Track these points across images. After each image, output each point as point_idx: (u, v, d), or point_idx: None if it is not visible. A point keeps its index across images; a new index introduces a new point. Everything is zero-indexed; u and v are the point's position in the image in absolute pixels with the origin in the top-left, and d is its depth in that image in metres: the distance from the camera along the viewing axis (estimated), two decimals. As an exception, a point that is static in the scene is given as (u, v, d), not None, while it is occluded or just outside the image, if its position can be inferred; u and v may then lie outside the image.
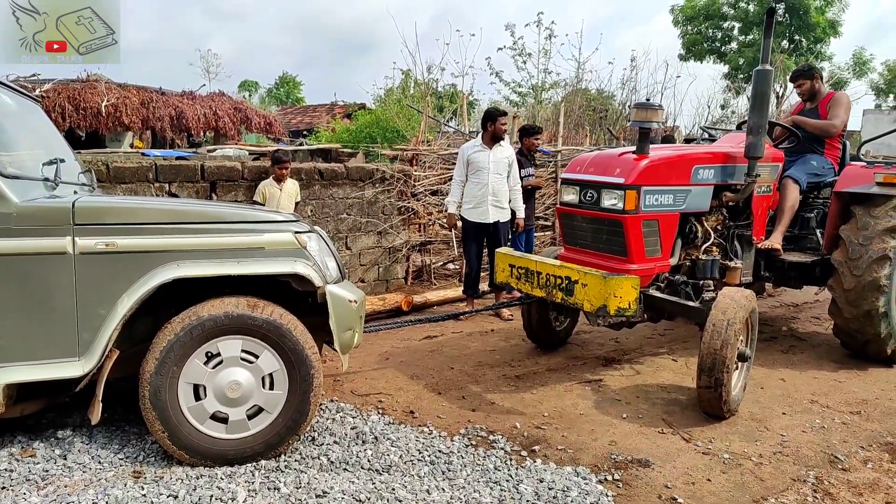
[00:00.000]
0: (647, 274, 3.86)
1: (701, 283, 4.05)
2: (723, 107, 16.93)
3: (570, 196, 4.08)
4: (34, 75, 11.01)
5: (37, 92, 9.10)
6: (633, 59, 14.40)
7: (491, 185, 5.53)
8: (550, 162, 8.18)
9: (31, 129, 3.45)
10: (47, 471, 2.60)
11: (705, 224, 4.24)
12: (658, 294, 3.94)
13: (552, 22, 15.13)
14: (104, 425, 2.94)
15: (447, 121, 13.25)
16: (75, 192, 3.03)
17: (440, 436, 3.25)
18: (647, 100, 6.02)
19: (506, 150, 5.66)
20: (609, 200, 3.81)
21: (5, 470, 2.57)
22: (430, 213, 7.16)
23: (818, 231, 4.91)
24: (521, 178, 6.09)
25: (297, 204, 5.80)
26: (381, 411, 3.56)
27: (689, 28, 23.28)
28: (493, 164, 5.54)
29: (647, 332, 5.26)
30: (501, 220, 5.62)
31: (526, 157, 6.40)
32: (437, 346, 4.93)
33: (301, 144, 12.10)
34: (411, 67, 17.61)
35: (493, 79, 16.06)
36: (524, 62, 15.62)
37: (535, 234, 7.89)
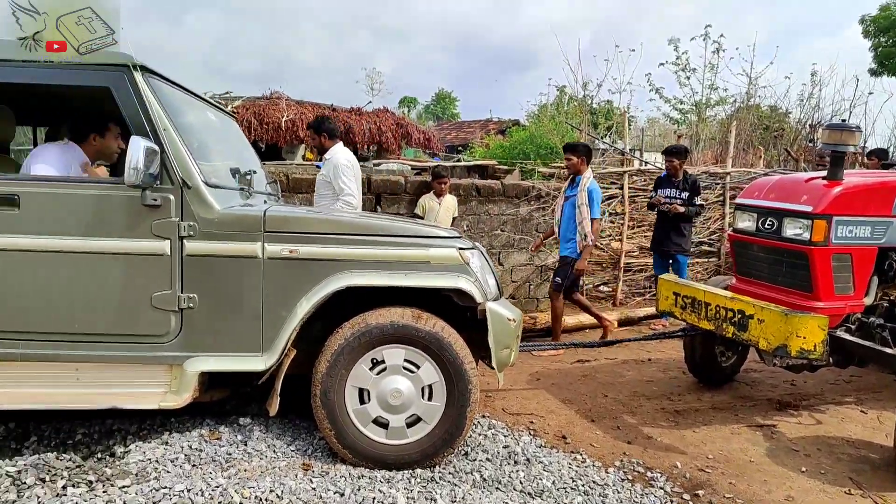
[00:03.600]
0: (836, 313, 3.48)
1: (901, 327, 3.57)
2: (924, 127, 14.90)
3: (746, 223, 3.78)
4: (227, 93, 12.37)
5: (229, 108, 10.20)
6: (813, 73, 13.18)
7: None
8: (718, 184, 7.67)
9: (228, 143, 3.83)
10: (230, 454, 2.85)
11: (909, 261, 3.73)
12: (848, 337, 3.52)
13: (720, 35, 14.24)
14: (278, 417, 3.18)
15: (602, 137, 12.95)
16: (265, 202, 3.33)
17: (594, 465, 3.14)
18: (843, 120, 5.45)
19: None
20: (793, 230, 3.48)
21: (196, 449, 2.86)
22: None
23: None
24: (662, 202, 5.83)
25: (454, 219, 5.94)
26: (532, 432, 3.52)
27: (883, 39, 20.79)
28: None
29: (830, 377, 4.72)
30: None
31: (670, 179, 6.03)
32: (590, 371, 4.78)
33: (458, 160, 12.41)
34: (568, 84, 17.41)
35: (652, 95, 15.41)
36: (687, 78, 14.86)
37: (699, 261, 7.47)
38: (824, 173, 3.61)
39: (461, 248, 2.96)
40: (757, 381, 4.64)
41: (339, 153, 4.78)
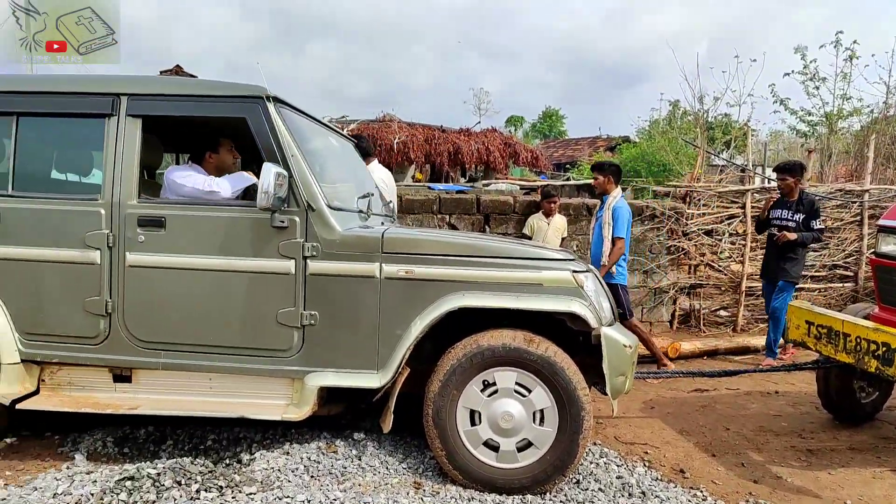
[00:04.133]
0: None
1: None
2: None
3: (892, 247, 3.45)
4: (343, 116, 12.99)
5: (345, 131, 10.69)
6: (962, 81, 11.87)
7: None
8: (855, 202, 7.07)
9: (347, 166, 4.01)
10: (345, 468, 2.95)
11: None
12: None
13: (854, 41, 13.15)
14: (390, 434, 3.25)
15: (719, 153, 12.30)
16: (382, 224, 3.44)
17: (716, 504, 2.95)
18: None
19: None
20: (949, 254, 3.14)
21: (314, 461, 2.98)
22: (702, 255, 6.68)
23: None
24: (772, 223, 5.38)
25: (563, 239, 5.86)
26: (646, 464, 3.37)
27: None
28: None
29: None
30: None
31: (783, 199, 5.46)
32: (709, 401, 4.52)
33: (567, 179, 12.28)
34: (682, 98, 16.76)
35: (776, 107, 14.45)
36: (816, 88, 13.80)
37: (832, 286, 6.91)
38: None
39: (575, 271, 2.91)
40: (904, 421, 4.19)
41: (374, 171, 4.88)
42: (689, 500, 2.94)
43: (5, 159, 3.13)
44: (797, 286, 5.45)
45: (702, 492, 3.06)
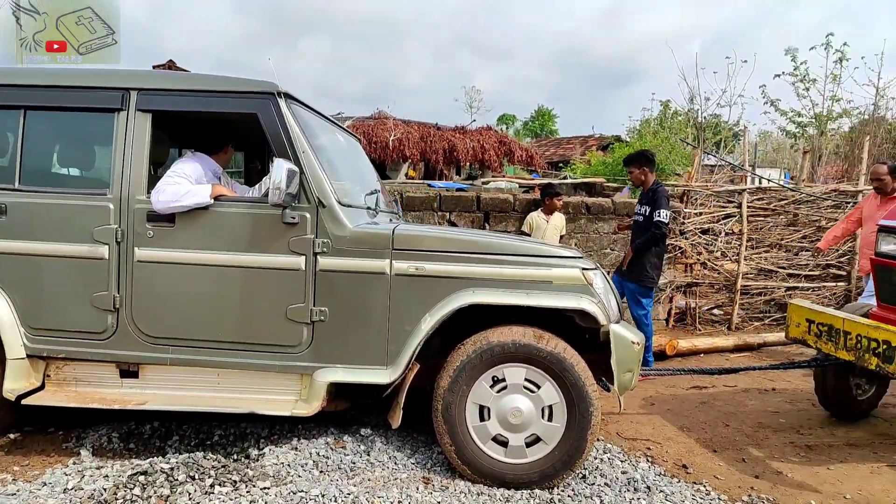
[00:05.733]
0: None
1: None
2: None
3: (892, 246, 3.51)
4: (339, 113, 12.95)
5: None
6: (955, 81, 12.03)
7: None
8: (850, 203, 7.15)
9: (354, 163, 4.02)
10: (354, 463, 2.96)
11: None
12: None
13: (843, 44, 13.30)
14: (397, 429, 3.26)
15: (713, 153, 12.39)
16: (390, 220, 3.45)
17: (720, 499, 2.99)
18: None
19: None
20: (949, 254, 3.19)
21: (323, 456, 2.99)
22: (698, 253, 6.74)
23: None
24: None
25: (561, 237, 5.89)
26: (650, 459, 3.40)
27: None
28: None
29: (985, 417, 4.27)
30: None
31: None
32: (709, 398, 4.57)
33: (564, 178, 12.32)
34: (673, 98, 16.84)
35: (767, 108, 14.59)
36: (806, 89, 13.97)
37: (826, 285, 7.00)
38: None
39: (584, 269, 2.94)
40: (899, 417, 4.26)
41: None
42: (694, 496, 2.98)
43: (11, 153, 3.11)
44: (652, 293, 5.03)
45: (705, 487, 3.10)
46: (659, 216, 4.75)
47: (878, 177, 5.12)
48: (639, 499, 2.87)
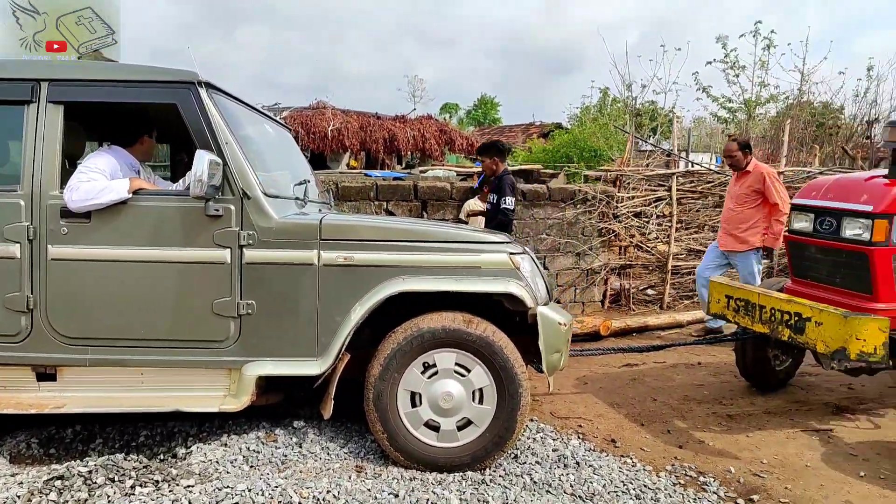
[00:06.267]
0: (897, 315, 3.36)
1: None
2: None
3: (803, 224, 3.71)
4: (276, 104, 12.70)
5: (278, 118, 10.48)
6: (870, 68, 12.74)
7: None
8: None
9: (283, 153, 3.96)
10: (286, 455, 2.94)
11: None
12: (912, 340, 3.40)
13: (771, 31, 13.89)
14: (330, 420, 3.26)
15: (646, 138, 12.75)
16: (319, 210, 3.42)
17: (645, 469, 3.11)
18: (901, 116, 5.28)
19: None
20: (852, 230, 3.40)
21: (253, 451, 2.96)
22: (631, 236, 6.94)
23: None
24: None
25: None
26: (581, 436, 3.51)
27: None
28: None
29: (889, 381, 4.56)
30: None
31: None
32: (638, 374, 4.74)
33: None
34: (612, 85, 17.22)
35: (699, 94, 15.11)
36: (736, 76, 14.54)
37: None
38: (885, 171, 3.51)
39: (512, 253, 2.99)
40: (812, 385, 4.52)
41: None
42: (620, 468, 3.10)
43: None
44: None
45: (631, 459, 3.23)
46: (505, 203, 4.89)
47: (729, 153, 5.40)
48: (568, 474, 2.96)
